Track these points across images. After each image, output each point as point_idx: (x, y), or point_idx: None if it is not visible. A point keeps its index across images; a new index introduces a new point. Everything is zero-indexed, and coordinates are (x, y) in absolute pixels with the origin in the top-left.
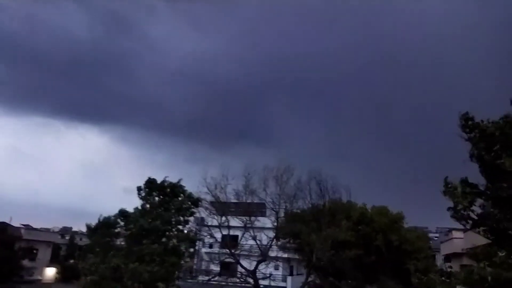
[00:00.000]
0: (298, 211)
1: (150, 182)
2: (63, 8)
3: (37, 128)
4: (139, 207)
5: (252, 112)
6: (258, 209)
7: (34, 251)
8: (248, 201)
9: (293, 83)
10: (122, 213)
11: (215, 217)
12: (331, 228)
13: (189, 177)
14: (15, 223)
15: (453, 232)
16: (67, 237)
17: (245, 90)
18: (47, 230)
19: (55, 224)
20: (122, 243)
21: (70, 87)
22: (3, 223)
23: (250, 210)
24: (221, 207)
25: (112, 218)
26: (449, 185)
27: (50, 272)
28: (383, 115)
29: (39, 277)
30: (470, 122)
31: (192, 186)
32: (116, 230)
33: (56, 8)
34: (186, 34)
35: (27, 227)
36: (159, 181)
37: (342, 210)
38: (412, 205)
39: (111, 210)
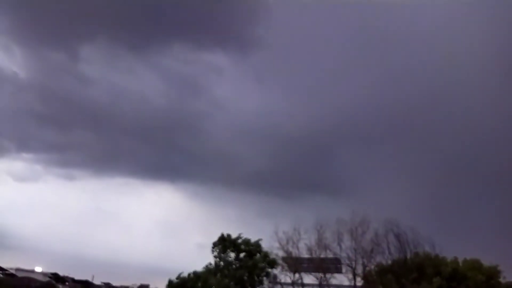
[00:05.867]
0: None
1: (224, 239)
2: (141, 76)
3: (118, 187)
4: (211, 263)
5: (323, 163)
6: (333, 265)
7: None
8: (321, 256)
9: (366, 132)
10: (195, 274)
11: (288, 274)
12: (420, 286)
13: (261, 232)
14: (97, 281)
15: None
16: None
17: (314, 141)
18: None
19: (134, 281)
20: None
21: (147, 149)
22: (86, 281)
23: (324, 266)
24: (294, 263)
25: (189, 276)
26: None
27: None
28: (472, 157)
29: None
30: None
31: (264, 241)
32: None
33: (135, 76)
34: (251, 92)
35: (108, 285)
36: (233, 237)
37: (431, 265)
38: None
39: (185, 266)
